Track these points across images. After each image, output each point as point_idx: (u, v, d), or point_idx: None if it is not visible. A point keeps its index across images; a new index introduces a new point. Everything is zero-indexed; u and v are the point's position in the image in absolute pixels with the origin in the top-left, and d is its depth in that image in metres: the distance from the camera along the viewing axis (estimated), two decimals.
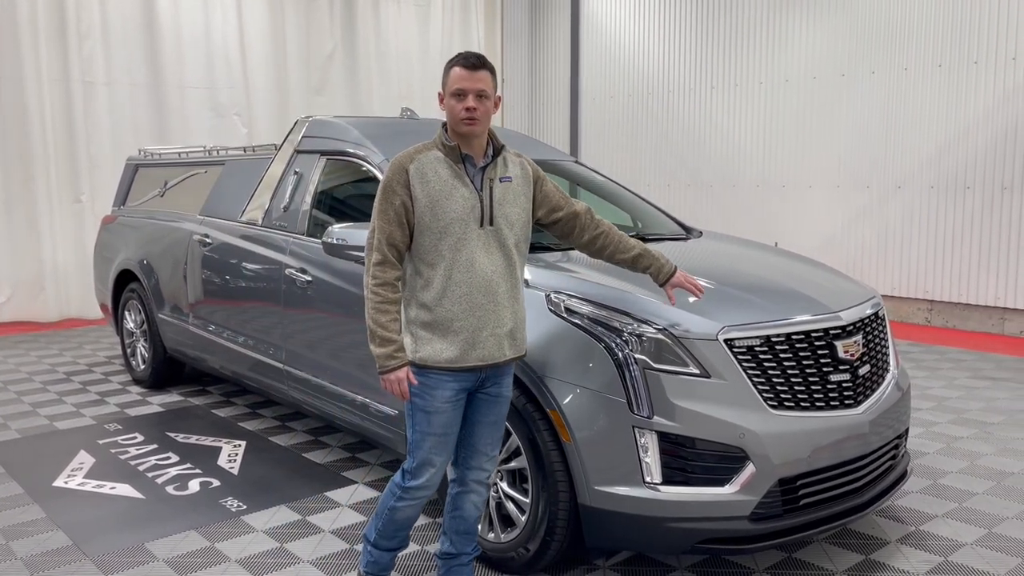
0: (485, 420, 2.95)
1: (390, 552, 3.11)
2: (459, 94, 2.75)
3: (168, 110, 9.50)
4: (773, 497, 3.09)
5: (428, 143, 2.86)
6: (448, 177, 2.78)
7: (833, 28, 8.89)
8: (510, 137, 5.65)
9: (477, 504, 3.04)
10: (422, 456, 2.89)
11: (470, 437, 2.97)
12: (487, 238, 2.80)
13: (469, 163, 2.82)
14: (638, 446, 3.03)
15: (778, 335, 3.20)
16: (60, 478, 4.58)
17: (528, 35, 12.26)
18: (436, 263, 2.78)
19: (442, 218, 2.76)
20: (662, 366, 3.07)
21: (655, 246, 4.23)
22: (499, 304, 2.82)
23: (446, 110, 2.81)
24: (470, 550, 3.11)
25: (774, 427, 3.07)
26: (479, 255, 2.78)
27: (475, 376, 2.86)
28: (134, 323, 6.52)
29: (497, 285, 2.81)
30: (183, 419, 5.65)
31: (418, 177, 2.77)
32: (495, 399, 2.94)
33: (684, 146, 10.43)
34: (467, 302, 2.78)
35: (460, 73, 2.76)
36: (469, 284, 2.77)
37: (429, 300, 2.80)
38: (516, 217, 2.87)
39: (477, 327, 2.79)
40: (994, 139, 7.88)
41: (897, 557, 3.56)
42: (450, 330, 2.79)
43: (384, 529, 3.04)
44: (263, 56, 10.13)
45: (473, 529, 3.09)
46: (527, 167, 2.98)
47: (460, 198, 2.77)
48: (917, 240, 8.50)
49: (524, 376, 3.23)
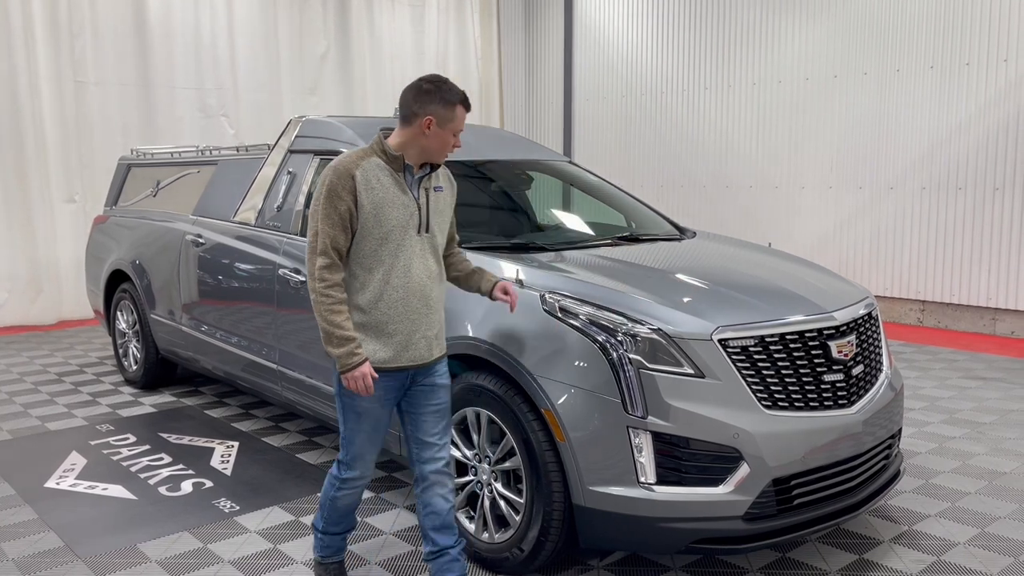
0: (427, 409, 3.04)
1: (340, 535, 3.30)
2: (456, 133, 2.91)
3: (158, 111, 9.46)
4: (767, 497, 3.09)
5: (367, 149, 2.94)
6: (390, 185, 2.88)
7: (826, 29, 8.91)
8: (506, 139, 5.65)
9: (445, 496, 3.06)
10: (355, 450, 3.05)
11: (417, 431, 3.05)
12: (423, 245, 2.94)
13: (408, 172, 2.93)
14: (632, 446, 3.03)
15: (772, 335, 3.21)
16: (52, 479, 4.56)
17: (523, 36, 12.27)
18: (374, 267, 2.88)
19: (384, 224, 2.85)
20: (656, 366, 3.07)
21: (650, 247, 4.30)
22: (431, 309, 2.96)
23: (436, 140, 2.88)
24: (453, 543, 3.10)
25: (768, 427, 3.08)
26: (415, 262, 2.91)
27: (404, 375, 2.98)
28: (126, 323, 6.50)
29: (430, 291, 2.95)
30: (176, 420, 5.64)
31: (364, 184, 2.84)
32: (431, 388, 3.04)
33: (677, 146, 10.45)
34: (403, 306, 2.89)
35: (464, 115, 2.91)
36: (405, 289, 2.89)
37: (364, 303, 2.89)
38: (443, 226, 3.05)
39: (411, 330, 2.92)
40: (985, 140, 7.91)
41: (890, 557, 3.57)
42: (384, 332, 2.90)
43: (330, 517, 3.22)
44: (254, 57, 10.09)
45: (449, 522, 3.08)
46: (452, 179, 3.16)
47: (401, 206, 2.88)
48: (909, 241, 8.53)
49: (519, 377, 3.23)
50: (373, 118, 5.57)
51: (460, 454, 3.57)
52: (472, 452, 3.53)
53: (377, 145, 2.92)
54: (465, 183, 4.91)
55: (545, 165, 5.23)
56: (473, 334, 3.45)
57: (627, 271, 3.74)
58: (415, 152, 2.90)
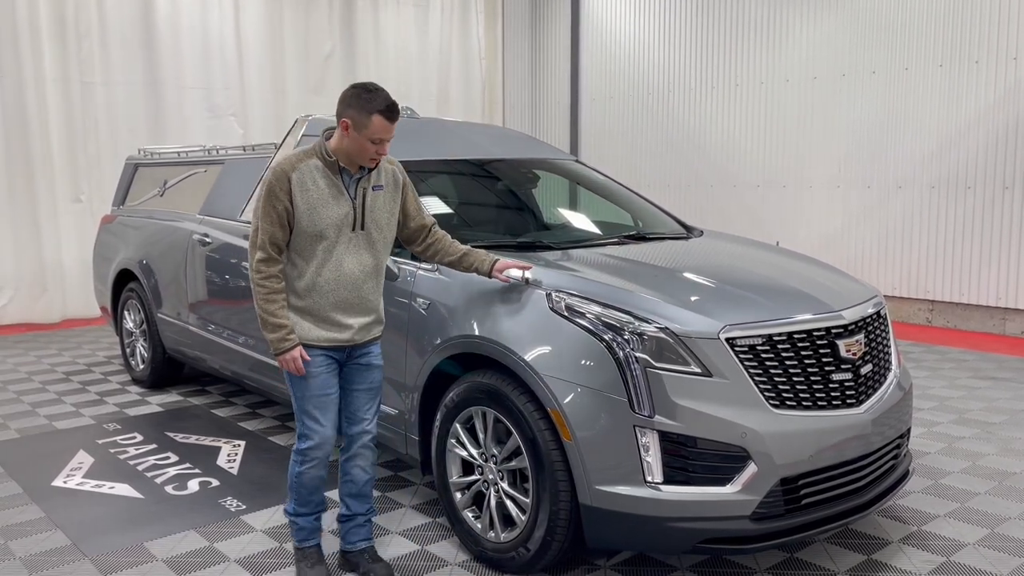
0: (359, 387, 3.29)
1: (311, 517, 3.41)
2: (378, 142, 3.03)
3: (165, 110, 9.47)
4: (775, 497, 3.07)
5: (309, 151, 3.13)
6: (326, 187, 3.08)
7: (834, 28, 8.87)
8: (512, 137, 5.64)
9: (364, 467, 3.36)
10: (308, 418, 3.22)
11: (348, 405, 3.32)
12: (357, 241, 3.15)
13: (346, 174, 3.12)
14: (639, 445, 3.01)
15: (780, 334, 3.18)
16: (59, 478, 4.56)
17: (528, 35, 12.24)
18: (310, 259, 3.13)
19: (318, 223, 3.07)
20: (663, 365, 3.05)
21: (656, 245, 4.28)
22: (364, 299, 3.20)
23: (353, 144, 3.04)
24: (364, 511, 3.42)
25: (776, 426, 3.06)
26: (348, 256, 3.14)
27: (341, 352, 3.23)
28: (133, 323, 6.51)
29: (363, 282, 3.18)
30: (182, 419, 5.64)
31: (299, 186, 3.05)
32: (365, 367, 3.29)
33: (684, 146, 10.42)
34: (334, 296, 3.15)
35: (384, 125, 3.02)
36: (337, 281, 3.13)
37: (300, 289, 3.15)
38: (385, 221, 3.22)
39: (343, 318, 3.17)
40: (995, 138, 7.86)
41: (899, 557, 3.54)
42: (318, 317, 3.16)
43: (298, 497, 3.34)
44: (260, 56, 10.10)
45: (365, 492, 3.39)
46: (397, 175, 3.30)
47: (336, 206, 3.09)
48: (918, 240, 8.49)
49: (525, 375, 3.22)
50: None
51: (466, 453, 3.56)
52: (478, 451, 3.51)
53: (318, 146, 3.12)
54: (471, 181, 4.93)
55: (551, 164, 5.22)
56: (479, 333, 3.44)
57: (634, 270, 3.72)
58: (343, 154, 3.08)
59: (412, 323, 3.80)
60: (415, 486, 4.40)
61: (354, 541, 3.45)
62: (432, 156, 4.63)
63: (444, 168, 4.71)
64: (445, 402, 3.60)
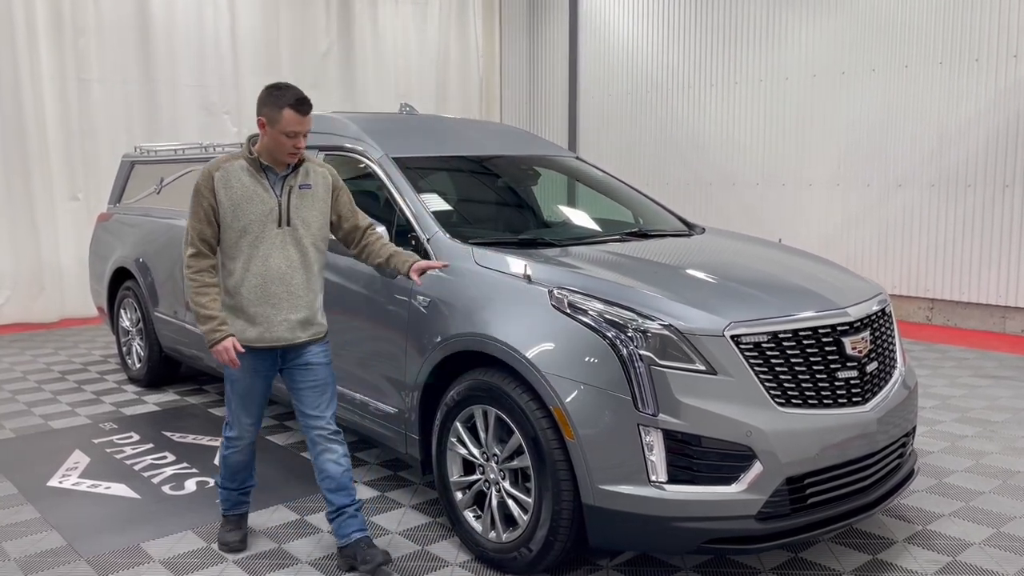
0: (304, 387, 3.38)
1: (238, 492, 3.64)
2: (291, 135, 3.16)
3: (160, 108, 9.43)
4: (780, 496, 3.03)
5: (237, 153, 3.30)
6: (250, 184, 3.22)
7: (833, 25, 8.84)
8: (512, 134, 5.60)
9: (336, 460, 3.41)
10: (233, 413, 3.45)
11: (299, 404, 3.41)
12: (284, 237, 3.24)
13: (271, 172, 3.26)
14: (643, 444, 2.97)
15: (785, 331, 3.15)
16: (55, 478, 4.52)
17: (526, 31, 12.20)
18: (237, 256, 3.24)
19: (242, 219, 3.20)
20: (667, 363, 3.01)
21: (659, 242, 4.24)
22: (293, 294, 3.27)
23: (271, 140, 3.19)
24: (349, 502, 3.44)
25: (781, 425, 3.02)
26: (274, 252, 3.23)
27: (272, 354, 3.33)
28: (130, 322, 6.45)
29: (291, 278, 3.26)
30: (179, 418, 5.59)
31: (222, 184, 3.20)
32: (305, 367, 3.37)
33: (683, 144, 10.38)
34: (262, 292, 3.23)
35: (294, 118, 3.15)
36: (264, 276, 3.23)
37: (231, 287, 3.27)
38: (313, 220, 3.31)
39: (271, 314, 3.25)
40: (996, 136, 7.83)
41: (905, 557, 3.51)
42: (247, 314, 3.26)
43: (226, 472, 3.60)
44: (256, 55, 10.05)
45: (344, 484, 3.43)
46: (328, 177, 3.41)
47: (260, 202, 3.21)
48: (918, 238, 8.46)
49: (527, 373, 3.18)
50: (379, 114, 5.54)
51: (467, 452, 3.52)
52: (480, 451, 3.47)
53: (244, 147, 3.29)
54: (471, 178, 4.89)
55: (551, 160, 5.18)
56: (480, 331, 3.40)
57: (636, 267, 3.68)
58: (265, 153, 3.23)
59: (412, 321, 3.76)
60: (414, 486, 4.36)
61: (348, 533, 3.45)
62: (432, 153, 4.59)
63: (444, 165, 4.66)
64: (445, 401, 3.56)
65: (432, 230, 3.86)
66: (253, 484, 3.70)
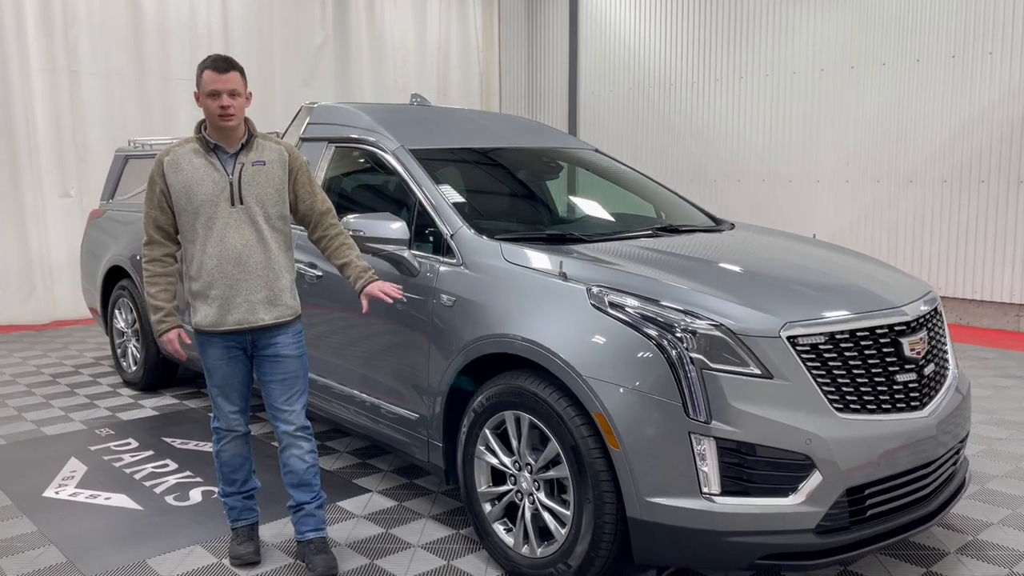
0: (273, 379, 3.28)
1: (239, 495, 3.45)
2: (214, 95, 3.08)
3: (152, 101, 9.15)
4: (840, 508, 2.83)
5: (189, 138, 3.23)
6: (200, 165, 3.15)
7: (842, 18, 8.67)
8: (528, 126, 5.38)
9: (301, 457, 3.32)
10: (215, 403, 3.34)
11: (267, 396, 3.32)
12: (238, 215, 3.16)
13: (221, 151, 3.18)
14: (695, 453, 2.77)
15: (842, 332, 2.95)
16: (51, 488, 4.27)
17: (526, 26, 11.99)
18: (194, 240, 3.17)
19: (194, 200, 3.14)
20: (720, 366, 2.81)
21: (691, 238, 4.04)
22: (250, 274, 3.17)
23: (204, 109, 3.13)
24: (310, 499, 3.36)
25: (841, 432, 2.82)
26: (229, 231, 3.15)
27: (240, 338, 3.23)
28: (125, 322, 6.20)
29: (247, 257, 3.16)
30: (179, 423, 5.35)
31: (172, 167, 3.15)
32: (274, 359, 3.26)
33: (687, 140, 10.20)
34: (219, 272, 3.15)
35: (212, 76, 3.09)
36: (220, 257, 3.15)
37: (193, 272, 3.21)
38: (268, 197, 3.21)
39: (230, 295, 3.16)
40: (1009, 131, 7.68)
41: (960, 570, 3.32)
42: (208, 297, 3.18)
43: (223, 476, 3.43)
44: (248, 47, 9.77)
45: (307, 480, 3.34)
46: (284, 154, 3.29)
47: (211, 182, 3.14)
48: (929, 235, 8.31)
49: (566, 377, 2.97)
50: (390, 105, 5.32)
51: (497, 461, 3.30)
52: (511, 459, 3.26)
53: (195, 131, 3.21)
54: (490, 171, 4.67)
55: (570, 154, 4.97)
56: (512, 332, 3.18)
57: (676, 263, 3.46)
58: (212, 130, 3.17)
59: (435, 322, 3.54)
60: (433, 495, 4.14)
61: (303, 531, 3.39)
62: (449, 145, 4.37)
63: (462, 157, 4.45)
64: (473, 406, 3.34)
65: (456, 225, 3.64)
66: (256, 487, 3.52)
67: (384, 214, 3.71)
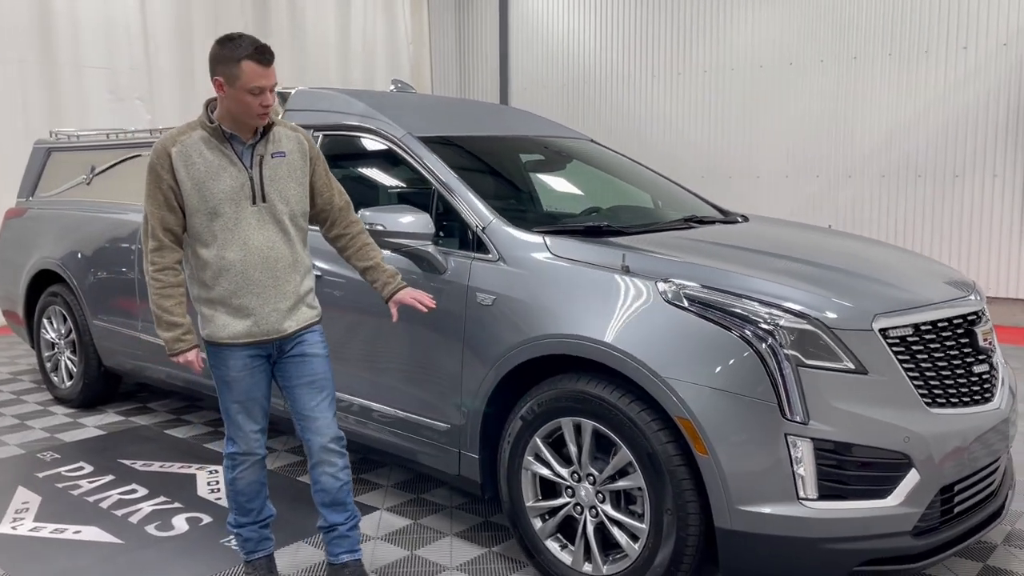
0: (299, 383, 2.92)
1: (255, 526, 3.09)
2: (257, 91, 2.68)
3: (61, 91, 8.43)
4: (933, 508, 2.71)
5: (192, 123, 2.82)
6: (214, 158, 2.75)
7: (780, 15, 8.76)
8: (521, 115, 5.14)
9: (334, 474, 2.97)
10: (233, 423, 2.93)
11: (294, 405, 2.95)
12: (261, 215, 2.80)
13: (236, 141, 2.78)
14: (792, 457, 2.58)
15: (926, 322, 2.83)
16: (4, 523, 3.74)
17: (454, 19, 11.66)
18: (210, 243, 2.78)
19: (210, 199, 2.74)
20: (814, 362, 2.63)
21: (725, 229, 3.86)
22: (279, 279, 2.83)
23: (233, 102, 2.70)
24: (344, 519, 3.02)
25: (935, 427, 2.70)
26: (253, 233, 2.79)
27: (269, 346, 2.88)
28: (56, 333, 5.57)
29: (275, 261, 2.82)
30: (133, 443, 4.83)
31: (182, 160, 2.73)
32: (300, 359, 2.91)
33: (623, 136, 10.08)
34: (244, 280, 2.79)
35: (256, 70, 2.67)
36: (244, 262, 2.78)
37: (208, 279, 2.81)
38: (291, 192, 2.86)
39: (257, 304, 2.81)
40: (945, 127, 7.92)
41: (1014, 562, 3.27)
42: (231, 306, 2.81)
43: (237, 506, 3.04)
44: (167, 37, 9.15)
45: (340, 499, 3.00)
46: (303, 142, 2.94)
47: (228, 177, 2.76)
48: (868, 229, 8.47)
49: (641, 379, 2.73)
50: (375, 91, 4.97)
51: (550, 472, 3.03)
52: (568, 470, 3.00)
53: (202, 116, 2.79)
54: (501, 160, 4.40)
55: (564, 144, 4.75)
56: (571, 331, 2.92)
57: (736, 255, 3.24)
58: (228, 119, 2.75)
59: (470, 323, 3.23)
60: (447, 510, 3.83)
61: (337, 553, 3.06)
62: (454, 132, 4.06)
63: (471, 145, 4.13)
64: (521, 413, 3.06)
65: (487, 218, 3.34)
66: (272, 514, 3.15)
67: (404, 206, 3.39)
